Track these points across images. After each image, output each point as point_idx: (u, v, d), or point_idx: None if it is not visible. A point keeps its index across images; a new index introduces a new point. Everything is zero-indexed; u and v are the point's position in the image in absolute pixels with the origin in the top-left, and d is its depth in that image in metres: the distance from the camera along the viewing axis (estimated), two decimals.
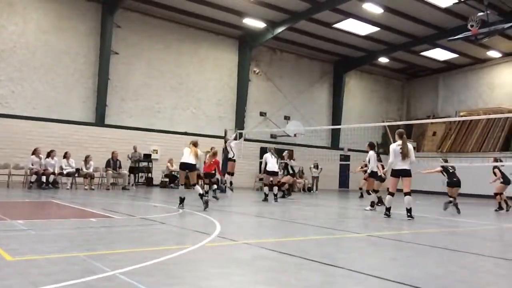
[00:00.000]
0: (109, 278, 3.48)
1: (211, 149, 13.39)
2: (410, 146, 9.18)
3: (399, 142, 9.19)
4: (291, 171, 15.94)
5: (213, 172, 13.30)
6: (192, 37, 21.64)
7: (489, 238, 7.72)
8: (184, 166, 9.83)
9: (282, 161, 15.96)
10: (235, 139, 16.30)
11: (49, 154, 15.42)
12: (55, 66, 18.11)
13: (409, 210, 8.99)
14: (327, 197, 17.53)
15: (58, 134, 17.42)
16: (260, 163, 22.19)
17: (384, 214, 9.34)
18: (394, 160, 9.15)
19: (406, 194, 9.00)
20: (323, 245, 5.83)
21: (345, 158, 24.21)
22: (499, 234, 8.51)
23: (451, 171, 12.09)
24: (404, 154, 9.03)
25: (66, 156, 15.83)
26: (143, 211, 8.96)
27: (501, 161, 13.78)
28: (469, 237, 7.49)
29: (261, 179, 18.17)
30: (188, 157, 9.92)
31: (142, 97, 20.20)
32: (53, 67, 18.05)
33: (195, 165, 9.97)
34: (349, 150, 24.20)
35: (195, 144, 10.47)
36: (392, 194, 9.32)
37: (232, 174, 15.03)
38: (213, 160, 13.05)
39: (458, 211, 11.01)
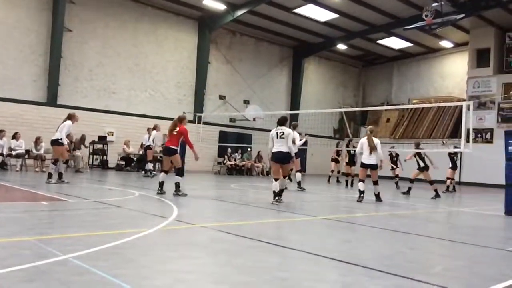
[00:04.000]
0: (62, 262, 3.41)
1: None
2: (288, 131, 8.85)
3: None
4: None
5: (173, 148, 9.11)
6: (150, 17, 21.08)
7: (436, 220, 8.12)
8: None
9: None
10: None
11: None
12: (4, 41, 17.18)
13: (279, 193, 8.70)
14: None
15: (7, 114, 16.62)
16: (219, 147, 22.24)
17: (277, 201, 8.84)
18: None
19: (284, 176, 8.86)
20: (280, 228, 5.94)
21: (303, 143, 24.57)
22: (445, 217, 8.96)
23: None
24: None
25: (15, 136, 15.18)
26: (97, 195, 8.76)
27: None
28: (418, 220, 7.83)
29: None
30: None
31: (97, 77, 19.57)
32: (1, 43, 17.12)
33: (56, 140, 10.62)
34: (307, 135, 24.54)
35: (69, 116, 10.88)
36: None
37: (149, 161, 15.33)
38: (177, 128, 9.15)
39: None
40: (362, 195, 9.75)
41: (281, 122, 8.94)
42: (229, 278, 3.31)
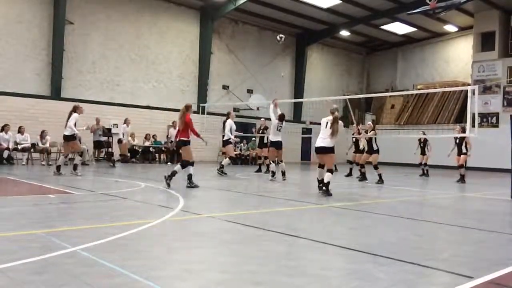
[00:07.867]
0: (70, 254, 3.44)
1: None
2: None
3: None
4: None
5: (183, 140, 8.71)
6: (152, 7, 20.96)
7: (443, 206, 8.10)
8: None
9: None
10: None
11: (3, 129, 14.85)
12: (6, 36, 17.15)
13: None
14: (289, 170, 17.77)
15: (11, 108, 16.65)
16: (223, 137, 22.16)
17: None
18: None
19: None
20: (286, 217, 5.95)
21: (307, 131, 24.52)
22: (451, 202, 8.94)
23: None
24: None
25: (20, 130, 15.25)
26: (104, 187, 8.81)
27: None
28: (424, 206, 7.83)
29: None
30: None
31: (100, 69, 19.54)
32: (4, 37, 17.10)
33: (71, 135, 10.79)
34: (311, 123, 24.49)
35: (74, 108, 11.05)
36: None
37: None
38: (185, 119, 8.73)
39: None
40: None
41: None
42: (237, 268, 3.32)
